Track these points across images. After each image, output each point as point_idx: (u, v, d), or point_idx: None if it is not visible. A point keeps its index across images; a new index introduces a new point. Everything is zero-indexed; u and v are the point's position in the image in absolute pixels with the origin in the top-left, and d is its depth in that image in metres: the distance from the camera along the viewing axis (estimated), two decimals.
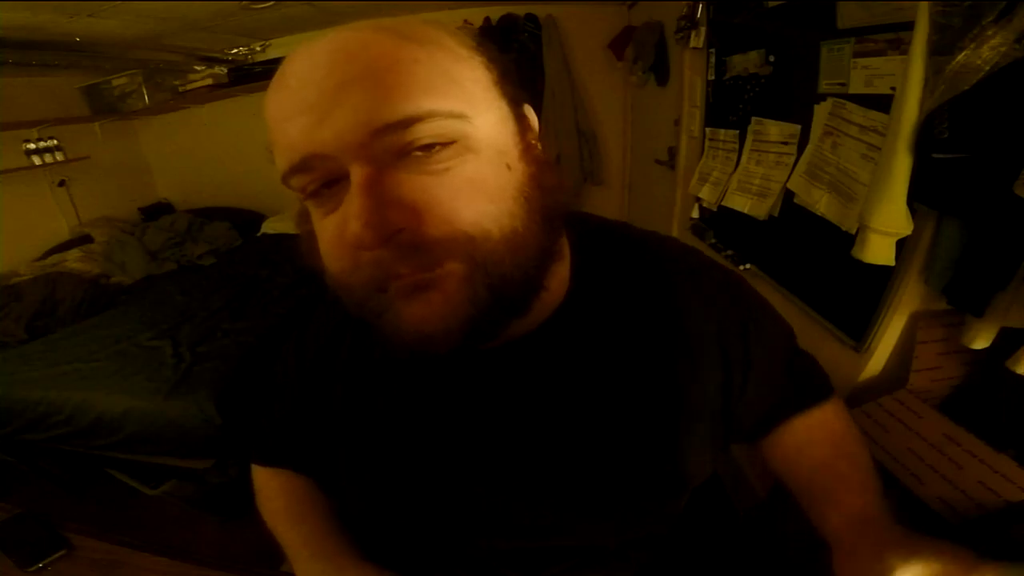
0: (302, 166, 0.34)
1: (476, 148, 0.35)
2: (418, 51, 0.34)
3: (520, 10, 2.53)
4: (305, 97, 0.33)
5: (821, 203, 1.10)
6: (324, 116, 0.32)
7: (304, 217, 0.41)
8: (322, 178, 0.35)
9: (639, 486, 0.48)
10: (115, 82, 2.62)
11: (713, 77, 1.62)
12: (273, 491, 0.63)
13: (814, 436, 0.56)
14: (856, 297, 1.05)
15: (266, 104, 0.35)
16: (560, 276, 0.45)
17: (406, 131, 0.33)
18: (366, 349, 0.52)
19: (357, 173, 0.33)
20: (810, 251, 1.22)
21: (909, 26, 0.76)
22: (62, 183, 2.60)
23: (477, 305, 0.35)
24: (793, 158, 1.23)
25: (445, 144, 0.34)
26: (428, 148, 0.33)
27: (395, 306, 0.36)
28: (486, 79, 0.37)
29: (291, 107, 0.33)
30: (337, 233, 0.35)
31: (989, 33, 0.64)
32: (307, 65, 0.33)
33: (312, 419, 0.57)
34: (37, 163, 2.37)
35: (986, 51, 0.65)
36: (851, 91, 1.02)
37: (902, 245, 0.88)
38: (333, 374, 0.54)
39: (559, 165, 2.68)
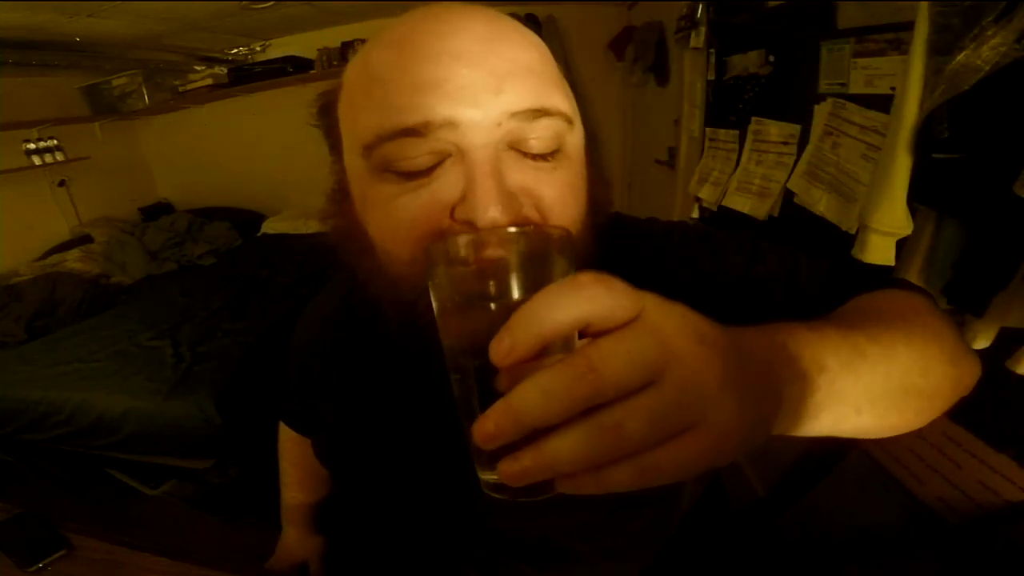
0: (411, 131, 0.33)
1: (571, 155, 0.37)
2: (545, 50, 0.36)
3: (520, 10, 2.52)
4: (438, 63, 0.33)
5: (821, 203, 1.10)
6: (457, 86, 0.32)
7: (339, 200, 0.41)
8: (418, 153, 0.34)
9: None
10: (115, 82, 2.63)
11: (713, 77, 1.62)
12: (285, 445, 0.76)
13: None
14: None
15: (373, 63, 0.35)
16: None
17: (533, 123, 0.33)
18: (367, 340, 0.52)
19: (480, 153, 0.33)
20: (810, 251, 1.21)
21: (909, 26, 0.76)
22: (62, 183, 2.59)
23: None
24: (793, 158, 1.23)
25: (552, 152, 0.35)
26: (535, 156, 0.35)
27: None
28: (571, 93, 0.39)
29: (415, 71, 0.33)
30: (426, 211, 0.34)
31: (989, 33, 0.64)
32: (436, 35, 0.34)
33: (313, 400, 0.58)
34: (37, 163, 2.37)
35: (986, 51, 0.65)
36: (851, 91, 1.02)
37: (902, 245, 0.88)
38: (332, 363, 0.55)
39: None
